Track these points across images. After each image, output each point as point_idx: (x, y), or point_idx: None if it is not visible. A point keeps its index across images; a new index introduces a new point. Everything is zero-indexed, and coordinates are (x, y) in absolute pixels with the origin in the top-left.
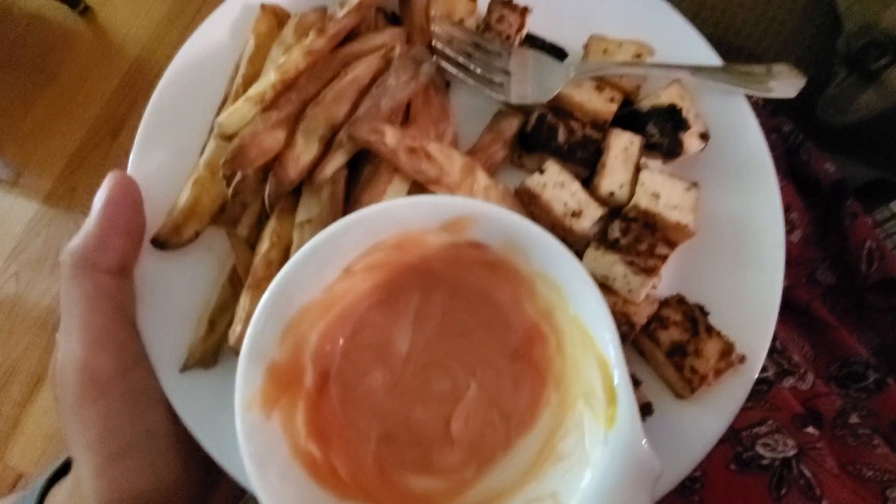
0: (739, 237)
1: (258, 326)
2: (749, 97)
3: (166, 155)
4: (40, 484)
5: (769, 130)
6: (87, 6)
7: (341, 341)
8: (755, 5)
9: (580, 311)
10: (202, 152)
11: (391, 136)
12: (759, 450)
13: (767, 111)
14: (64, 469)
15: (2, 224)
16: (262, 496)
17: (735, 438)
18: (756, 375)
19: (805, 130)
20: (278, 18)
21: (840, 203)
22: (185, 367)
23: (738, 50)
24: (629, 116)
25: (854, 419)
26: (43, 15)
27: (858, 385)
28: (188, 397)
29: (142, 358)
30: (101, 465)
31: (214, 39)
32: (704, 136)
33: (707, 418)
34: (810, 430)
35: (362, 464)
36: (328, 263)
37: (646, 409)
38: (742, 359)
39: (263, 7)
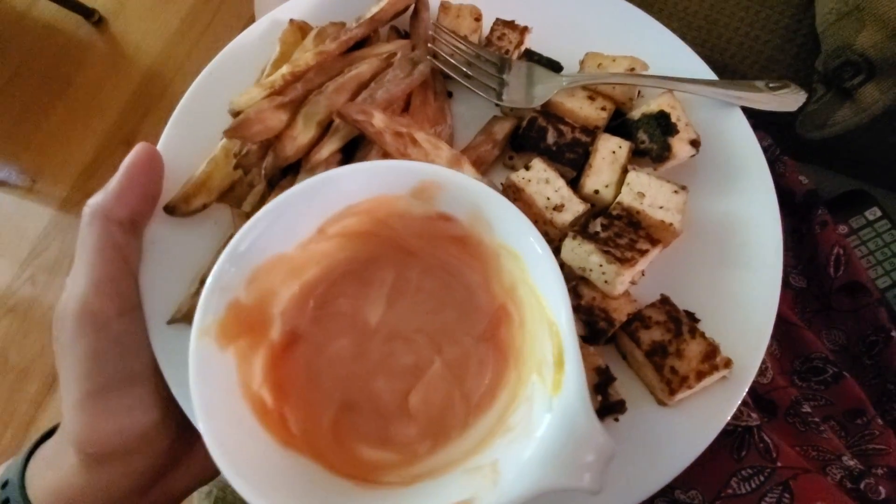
0: (734, 243)
1: (226, 260)
2: None
3: (192, 138)
4: (31, 442)
5: None
6: (101, 17)
7: (312, 304)
8: (739, 26)
9: (535, 279)
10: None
11: (379, 119)
12: None
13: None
14: (51, 433)
15: (18, 229)
16: (200, 414)
17: None
18: (748, 386)
19: (785, 144)
20: (303, 32)
21: (812, 213)
22: (173, 320)
23: (723, 67)
24: (621, 126)
25: (806, 408)
26: (56, 25)
27: (818, 378)
28: (170, 348)
29: (137, 308)
30: (83, 397)
31: (248, 46)
32: (695, 143)
33: (690, 428)
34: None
35: (317, 424)
36: (302, 218)
37: (617, 407)
38: (727, 363)
39: (291, 21)
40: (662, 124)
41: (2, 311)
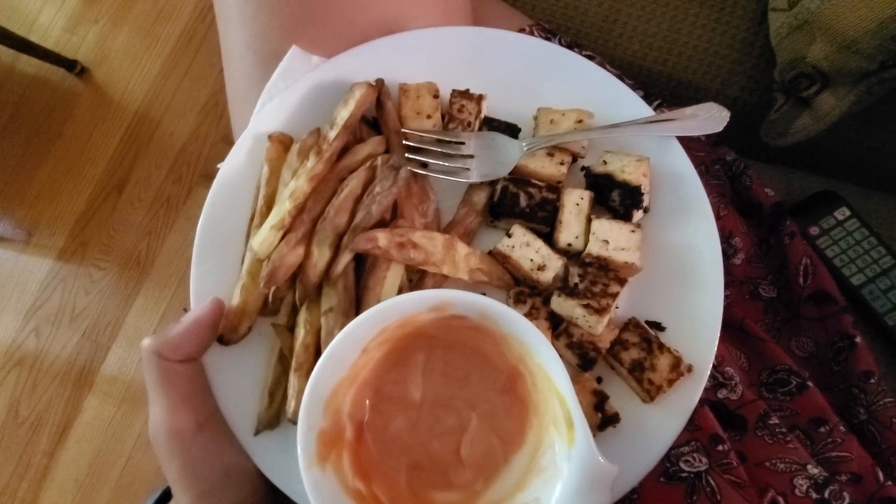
0: (684, 264)
1: (306, 408)
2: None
3: (215, 266)
4: (151, 501)
5: (713, 161)
6: (84, 67)
7: (368, 401)
8: (698, 43)
9: (542, 361)
10: (242, 261)
11: (383, 239)
12: (682, 465)
13: (710, 143)
14: (166, 496)
15: (18, 282)
16: None
17: (665, 457)
18: (705, 380)
19: (752, 149)
20: (283, 144)
21: (780, 224)
22: (258, 432)
23: (686, 84)
24: (592, 178)
25: (773, 420)
26: (42, 78)
27: (783, 389)
28: (263, 451)
29: (214, 415)
30: (193, 500)
31: (236, 168)
32: (646, 209)
33: (668, 418)
34: (720, 447)
35: (398, 489)
36: (350, 349)
37: (614, 419)
38: (689, 368)
39: (271, 137)
40: (635, 197)
41: (9, 365)
